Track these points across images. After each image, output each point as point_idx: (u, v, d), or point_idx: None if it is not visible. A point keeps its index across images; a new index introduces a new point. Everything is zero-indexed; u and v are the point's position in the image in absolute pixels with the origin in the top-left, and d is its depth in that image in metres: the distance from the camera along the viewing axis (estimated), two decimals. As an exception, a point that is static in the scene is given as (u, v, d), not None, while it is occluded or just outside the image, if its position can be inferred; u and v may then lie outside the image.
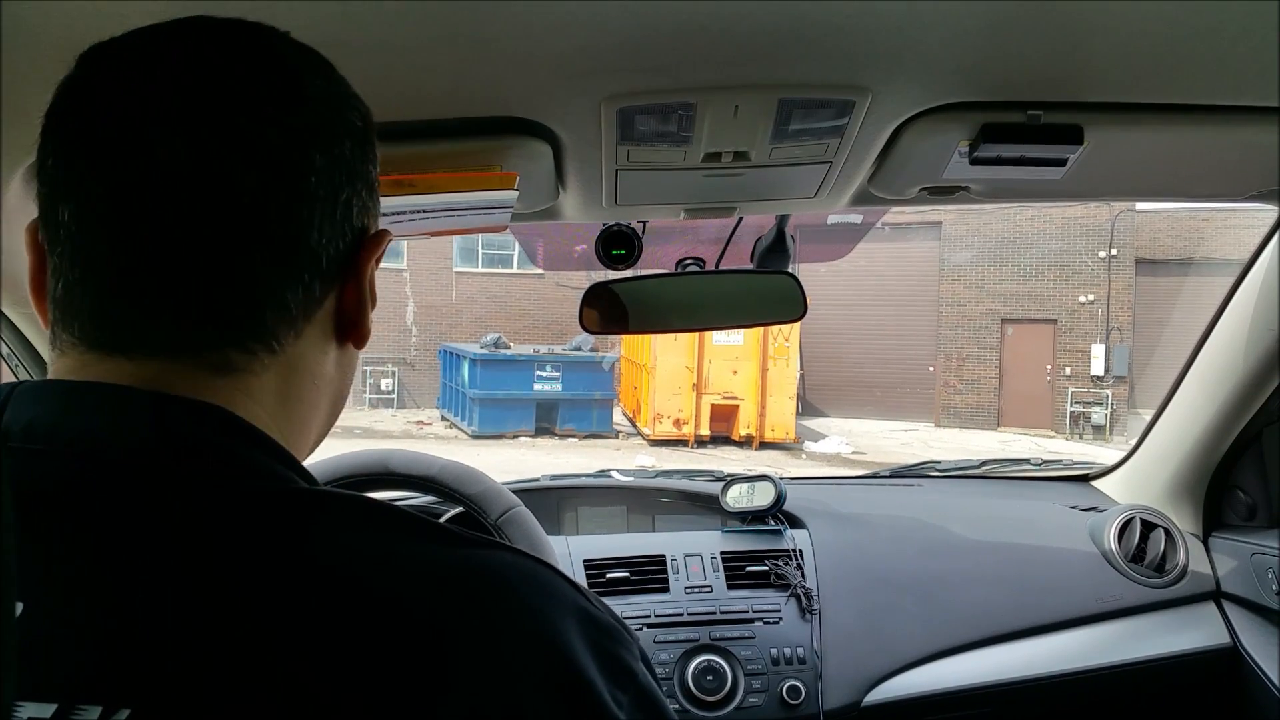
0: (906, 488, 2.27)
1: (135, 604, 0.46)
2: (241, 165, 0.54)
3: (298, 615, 0.46)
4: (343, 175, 0.59)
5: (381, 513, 0.54)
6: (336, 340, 0.62)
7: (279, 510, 0.51)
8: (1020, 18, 0.90)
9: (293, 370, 0.59)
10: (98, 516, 0.48)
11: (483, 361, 16.05)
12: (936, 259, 19.92)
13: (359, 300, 0.62)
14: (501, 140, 1.14)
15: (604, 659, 0.51)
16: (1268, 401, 1.77)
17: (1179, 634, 1.84)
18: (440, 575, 0.50)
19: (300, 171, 0.56)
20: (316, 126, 0.57)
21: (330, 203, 0.58)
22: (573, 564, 1.77)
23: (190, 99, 0.54)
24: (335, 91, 0.60)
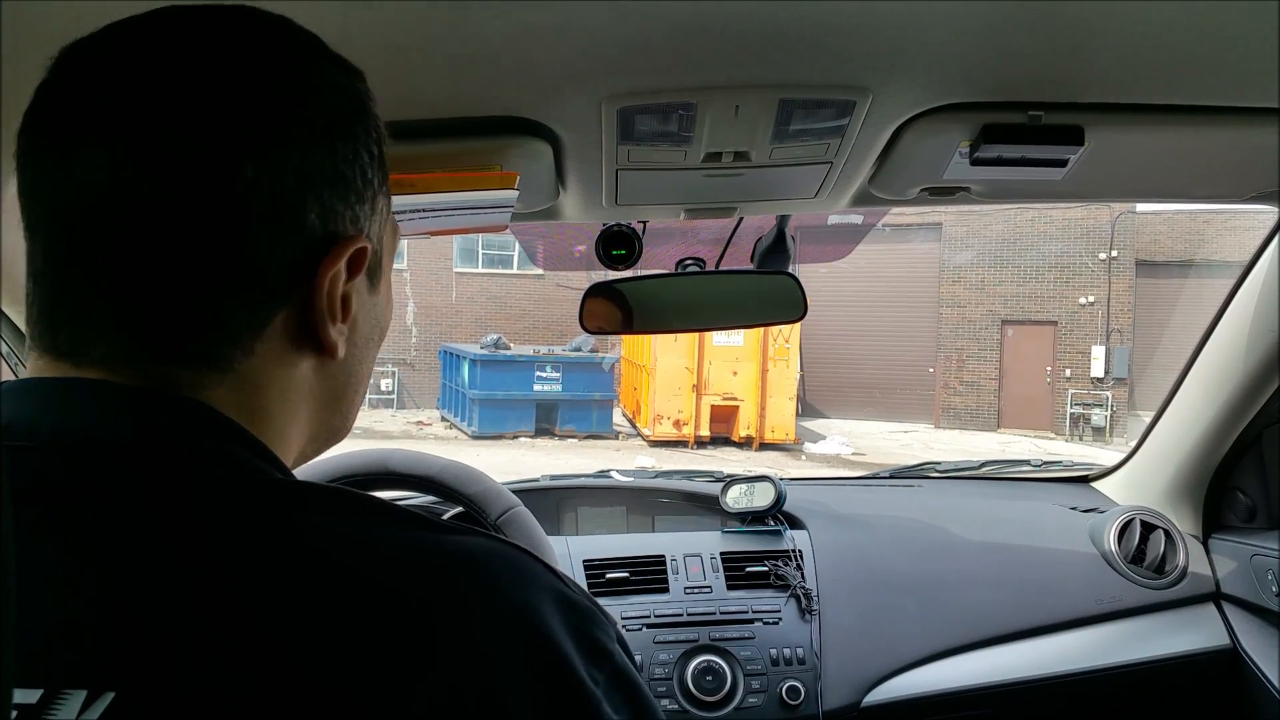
0: (906, 489, 2.27)
1: (118, 592, 0.46)
2: (153, 181, 0.52)
3: (280, 600, 0.47)
4: (290, 181, 0.55)
5: (359, 501, 0.54)
6: (310, 352, 0.59)
7: (258, 500, 0.51)
8: (1021, 18, 0.90)
9: (251, 386, 0.56)
10: (79, 508, 0.49)
11: (483, 362, 16.05)
12: (937, 260, 19.92)
13: (318, 314, 0.57)
14: (502, 140, 1.13)
15: (581, 639, 0.52)
16: (1268, 403, 1.77)
17: (1179, 635, 1.83)
18: (419, 560, 0.51)
19: (222, 185, 0.52)
20: (254, 133, 0.53)
21: (270, 213, 0.54)
22: (572, 564, 1.77)
23: (116, 110, 0.52)
24: (294, 86, 0.56)
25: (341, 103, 0.59)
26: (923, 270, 19.97)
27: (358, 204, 0.59)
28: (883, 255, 19.36)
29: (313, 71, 0.58)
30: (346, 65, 0.61)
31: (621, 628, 1.67)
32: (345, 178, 0.58)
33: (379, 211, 0.63)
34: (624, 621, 1.69)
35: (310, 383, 0.61)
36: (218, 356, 0.55)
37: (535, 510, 1.47)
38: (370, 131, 0.61)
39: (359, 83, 0.61)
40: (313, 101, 0.56)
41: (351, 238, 0.58)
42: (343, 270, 0.58)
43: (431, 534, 0.53)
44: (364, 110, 0.61)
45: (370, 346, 0.66)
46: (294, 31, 0.59)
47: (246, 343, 0.56)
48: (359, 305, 0.62)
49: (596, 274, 1.65)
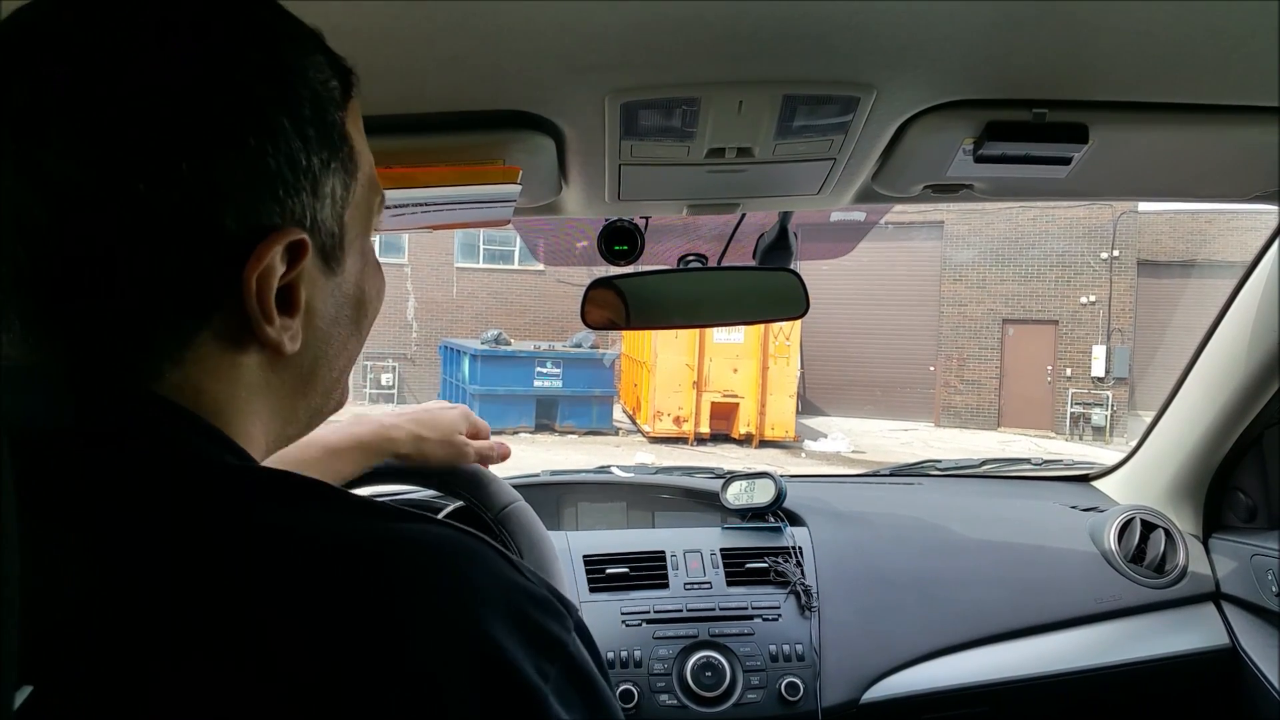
0: (906, 486, 2.27)
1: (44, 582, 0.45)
2: (42, 208, 0.49)
3: (222, 589, 0.46)
4: (192, 192, 0.50)
5: (311, 488, 0.54)
6: (255, 349, 0.56)
7: (203, 486, 0.50)
8: (1026, 16, 0.90)
9: (191, 389, 0.54)
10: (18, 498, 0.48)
11: (483, 357, 16.06)
12: (938, 258, 19.92)
13: (250, 314, 0.54)
14: (505, 134, 1.13)
15: (530, 631, 0.51)
16: (1269, 403, 1.77)
17: (1178, 635, 1.83)
18: (368, 548, 0.50)
19: (113, 208, 0.49)
20: (140, 148, 0.49)
21: (173, 229, 0.50)
22: (572, 559, 1.77)
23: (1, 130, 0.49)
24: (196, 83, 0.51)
25: (254, 91, 0.53)
26: (924, 268, 19.98)
27: (289, 196, 0.54)
28: (884, 253, 19.36)
29: (219, 62, 0.52)
30: (273, 36, 0.55)
31: (621, 624, 1.67)
32: (266, 173, 0.53)
33: (326, 193, 0.58)
34: (623, 617, 1.69)
35: (263, 376, 0.58)
36: (147, 370, 0.53)
37: (535, 505, 1.46)
38: (300, 111, 0.55)
39: (287, 55, 0.55)
40: (215, 100, 0.51)
41: (277, 234, 0.54)
42: (276, 265, 0.54)
43: (383, 522, 0.53)
44: (288, 90, 0.54)
45: (341, 324, 0.63)
46: (200, 6, 0.53)
47: (175, 354, 0.53)
48: (313, 291, 0.58)
49: (598, 270, 1.65)
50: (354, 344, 0.66)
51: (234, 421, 0.57)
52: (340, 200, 0.59)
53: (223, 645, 0.44)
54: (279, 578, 0.47)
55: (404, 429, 1.20)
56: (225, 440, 0.55)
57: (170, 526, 0.47)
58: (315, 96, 0.56)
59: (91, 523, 0.47)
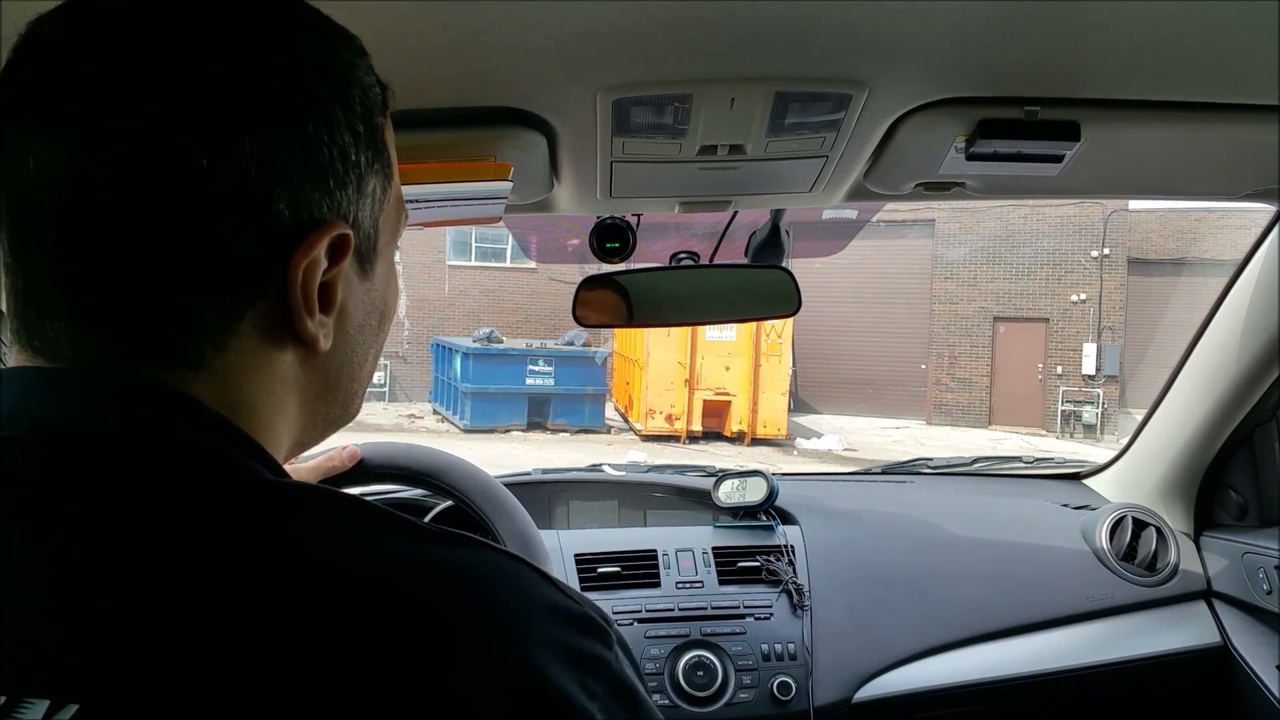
0: (898, 484, 2.27)
1: (93, 595, 0.45)
2: (101, 174, 0.49)
3: (267, 606, 0.45)
4: (251, 170, 0.51)
5: (354, 507, 0.53)
6: (292, 344, 0.57)
7: (247, 501, 0.50)
8: (1018, 13, 0.89)
9: (230, 381, 0.54)
10: (54, 503, 0.47)
11: (475, 355, 16.04)
12: (929, 256, 19.96)
13: (293, 307, 0.54)
14: (496, 130, 1.13)
15: (575, 653, 0.51)
16: (1260, 401, 1.77)
17: (1170, 633, 1.84)
18: (421, 570, 0.50)
19: (173, 176, 0.49)
20: (206, 119, 0.50)
21: (230, 205, 0.51)
22: (564, 558, 1.76)
23: (63, 96, 0.49)
24: (252, 63, 0.52)
25: (313, 78, 0.54)
26: (915, 266, 20.01)
27: (338, 188, 0.55)
28: (875, 251, 19.38)
29: (278, 45, 0.53)
30: (327, 32, 0.57)
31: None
32: (319, 161, 0.54)
33: (369, 193, 0.59)
34: (615, 616, 1.69)
35: (296, 374, 0.58)
36: (189, 353, 0.53)
37: (526, 504, 1.46)
38: (353, 107, 0.56)
39: (341, 50, 0.57)
40: (276, 80, 0.52)
41: (327, 225, 0.54)
42: (321, 259, 0.55)
43: (430, 544, 0.52)
44: (344, 83, 0.56)
45: (367, 332, 0.63)
46: (267, 3, 0.55)
47: (218, 338, 0.53)
48: (347, 293, 0.59)
49: (590, 267, 1.65)
50: (374, 355, 0.66)
51: (265, 417, 0.56)
52: (378, 202, 0.60)
53: (253, 670, 0.44)
54: (313, 601, 0.46)
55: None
56: (258, 449, 0.55)
57: (202, 543, 0.47)
58: (365, 96, 0.57)
59: (120, 531, 0.47)
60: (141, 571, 0.45)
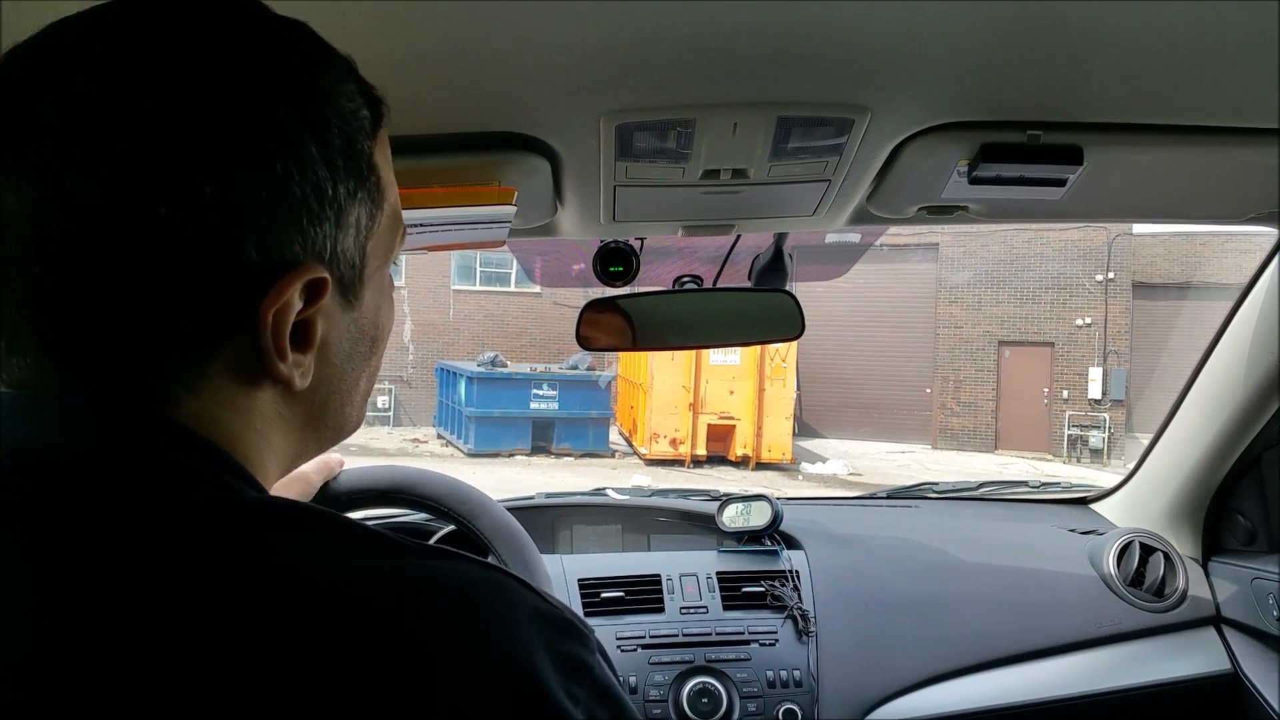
0: (904, 509, 2.26)
1: (75, 621, 0.44)
2: (60, 225, 0.48)
3: (256, 625, 0.45)
4: (214, 217, 0.49)
5: (335, 523, 0.53)
6: (269, 382, 0.55)
7: (230, 520, 0.50)
8: (1020, 38, 0.90)
9: (207, 420, 0.53)
10: (38, 528, 0.47)
11: (479, 379, 16.06)
12: (933, 280, 19.96)
13: (264, 349, 0.53)
14: (500, 155, 1.13)
15: (560, 660, 0.51)
16: (1268, 425, 1.77)
17: (1179, 659, 1.82)
18: (407, 587, 0.50)
19: (133, 228, 0.48)
20: (165, 169, 0.48)
21: (193, 253, 0.49)
22: (567, 583, 1.75)
23: (24, 143, 0.49)
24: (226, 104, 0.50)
25: (283, 116, 0.51)
26: (919, 290, 20.01)
27: (313, 225, 0.53)
28: (879, 275, 19.39)
29: (246, 84, 0.51)
30: (303, 62, 0.55)
31: (616, 648, 1.66)
32: (291, 200, 0.52)
33: (351, 224, 0.56)
34: (619, 642, 1.68)
35: (279, 410, 0.57)
36: (163, 396, 0.52)
37: (530, 528, 1.45)
38: (329, 140, 0.54)
39: (317, 80, 0.55)
40: (241, 124, 0.50)
41: (300, 268, 0.53)
42: (294, 301, 0.53)
43: (412, 559, 0.52)
44: (318, 116, 0.53)
45: (356, 359, 0.62)
46: (238, 28, 0.53)
47: (189, 381, 0.52)
48: (330, 326, 0.57)
49: (594, 291, 1.65)
50: (367, 377, 0.65)
51: (248, 453, 0.56)
52: (364, 230, 0.58)
53: (242, 693, 0.43)
54: (300, 622, 0.46)
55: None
56: (241, 470, 0.54)
57: (188, 562, 0.46)
58: (345, 125, 0.55)
59: (106, 554, 0.46)
60: (126, 596, 0.45)
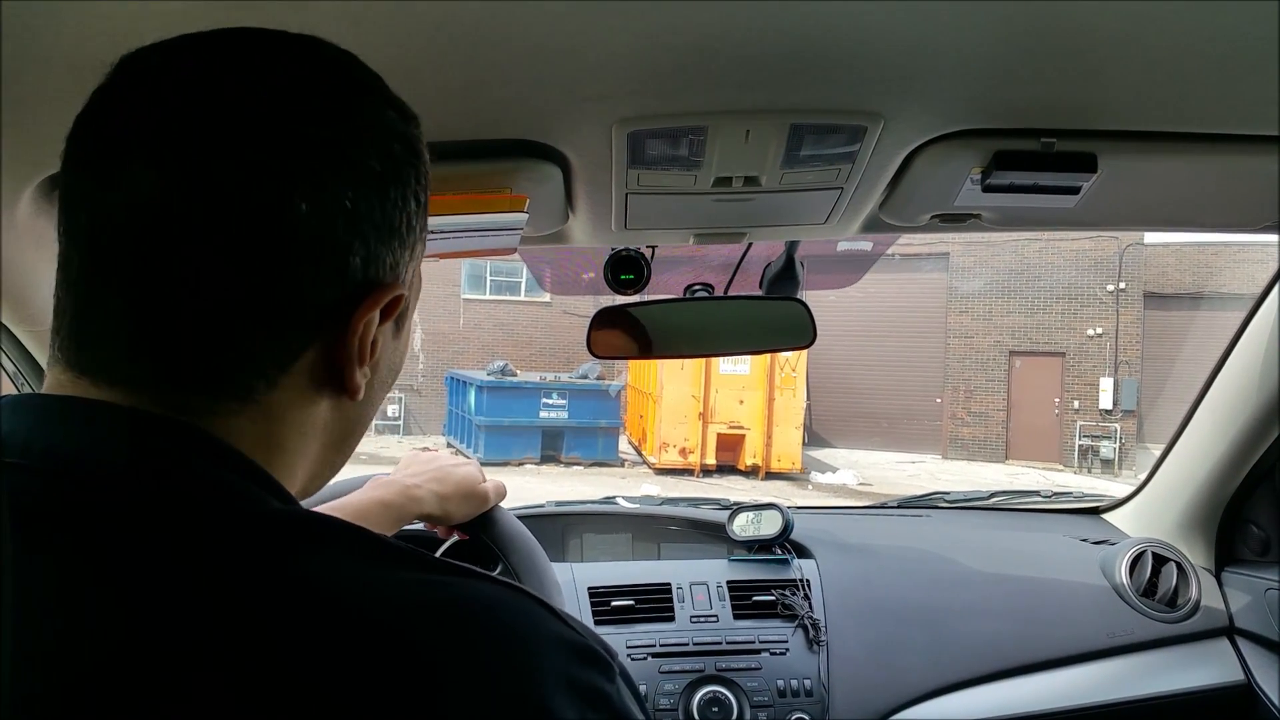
0: (915, 518, 2.25)
1: (95, 625, 0.45)
2: (200, 208, 0.51)
3: (279, 637, 0.45)
4: (340, 223, 0.54)
5: (363, 538, 0.53)
6: (331, 391, 0.59)
7: (257, 531, 0.50)
8: (1034, 45, 0.89)
9: (270, 419, 0.56)
10: (66, 533, 0.47)
11: (489, 388, 16.08)
12: (944, 290, 19.92)
13: (346, 357, 0.57)
14: (512, 163, 1.13)
15: (577, 685, 0.51)
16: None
17: (1192, 670, 1.81)
18: (426, 605, 0.50)
19: (271, 219, 0.52)
20: (311, 170, 0.53)
21: (315, 252, 0.54)
22: (577, 591, 1.75)
23: (171, 129, 0.52)
24: (354, 125, 0.56)
25: (396, 147, 0.58)
26: (930, 300, 19.98)
27: (400, 250, 0.59)
28: (890, 284, 19.36)
29: (372, 112, 0.58)
30: (404, 109, 0.61)
31: (626, 657, 1.65)
32: (392, 223, 0.58)
33: (416, 257, 0.63)
34: (629, 650, 1.67)
35: (326, 420, 0.60)
36: (240, 387, 0.54)
37: (540, 536, 1.45)
38: (419, 178, 0.61)
39: (414, 128, 0.61)
40: (370, 143, 0.56)
41: (390, 284, 0.58)
42: (377, 315, 0.58)
43: (438, 576, 0.52)
44: (416, 156, 0.60)
45: (384, 389, 0.65)
46: (358, 69, 0.59)
47: (271, 376, 0.55)
48: (383, 349, 0.61)
49: (604, 299, 1.65)
50: (377, 407, 0.67)
51: (290, 458, 0.58)
52: (417, 265, 0.64)
53: (259, 704, 0.44)
54: (320, 637, 0.46)
55: (426, 489, 1.22)
56: (269, 481, 0.55)
57: (209, 578, 0.47)
58: (422, 165, 0.62)
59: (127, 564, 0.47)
60: (148, 603, 0.45)
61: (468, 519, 1.25)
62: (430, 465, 1.26)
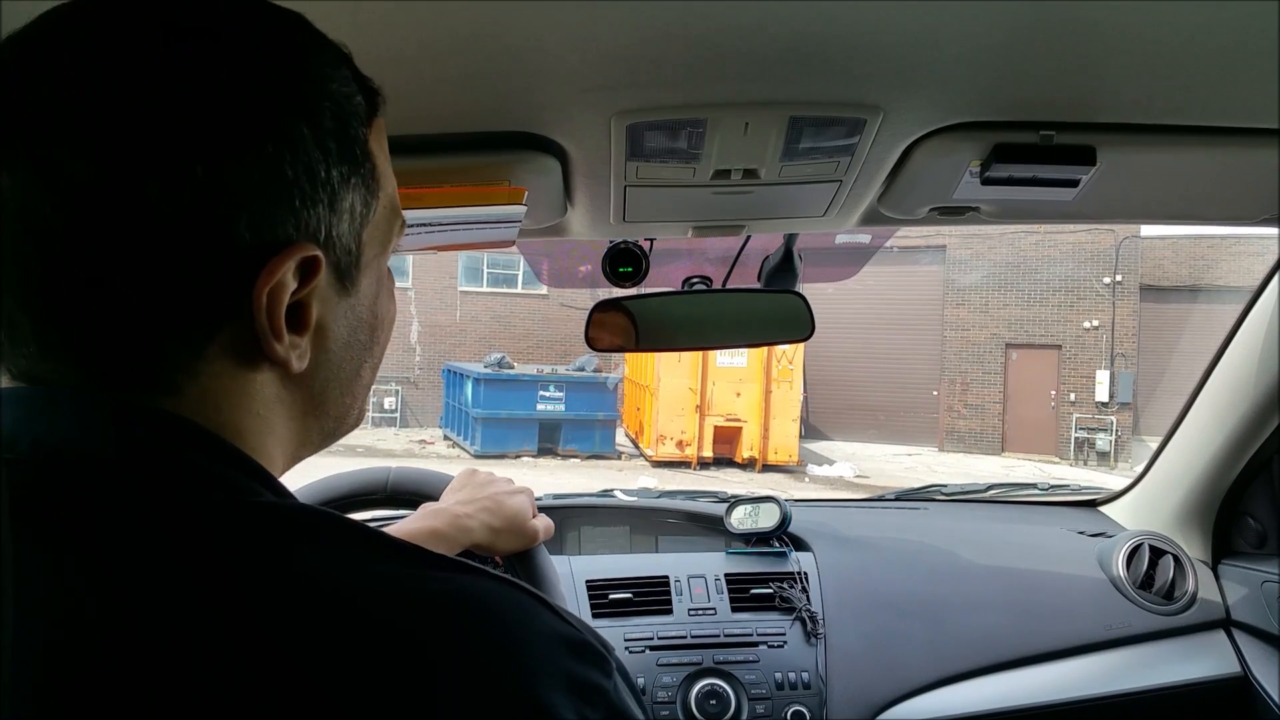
0: (912, 511, 2.25)
1: (90, 618, 0.45)
2: (53, 207, 0.48)
3: (277, 633, 0.45)
4: (205, 197, 0.49)
5: (360, 534, 0.53)
6: (268, 365, 0.55)
7: (251, 525, 0.50)
8: (1033, 37, 0.89)
9: (209, 405, 0.53)
10: (58, 528, 0.47)
11: (486, 381, 16.07)
12: (940, 282, 19.94)
13: (260, 329, 0.53)
14: (510, 155, 1.13)
15: (574, 681, 0.51)
16: (1278, 428, 1.76)
17: (1188, 662, 1.81)
18: (422, 599, 0.50)
19: (124, 208, 0.48)
20: (155, 149, 0.49)
21: (184, 233, 0.49)
22: (575, 584, 1.75)
23: (18, 127, 0.49)
24: (215, 85, 0.50)
25: (272, 97, 0.52)
26: (926, 292, 19.99)
27: (305, 207, 0.53)
28: (887, 277, 19.39)
29: (235, 66, 0.51)
30: (294, 45, 0.55)
31: (624, 650, 1.66)
32: (282, 180, 0.52)
33: (346, 209, 0.57)
34: (627, 643, 1.67)
35: (279, 394, 0.57)
36: (162, 380, 0.52)
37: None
38: (321, 121, 0.54)
39: (309, 63, 0.55)
40: (231, 103, 0.50)
41: (292, 248, 0.53)
42: (288, 281, 0.53)
43: (434, 571, 0.52)
44: (309, 98, 0.54)
45: (355, 347, 0.62)
46: (231, 15, 0.54)
47: (187, 365, 0.52)
48: (325, 311, 0.57)
49: (602, 292, 1.65)
50: (368, 369, 0.64)
51: (253, 441, 0.56)
52: (360, 218, 0.58)
53: (255, 698, 0.44)
54: (317, 631, 0.46)
55: (478, 519, 1.19)
56: (257, 469, 0.54)
57: (201, 567, 0.47)
58: (338, 109, 0.55)
59: (121, 557, 0.46)
60: (145, 597, 0.45)
61: (514, 552, 1.23)
62: (483, 492, 1.22)
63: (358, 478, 1.30)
